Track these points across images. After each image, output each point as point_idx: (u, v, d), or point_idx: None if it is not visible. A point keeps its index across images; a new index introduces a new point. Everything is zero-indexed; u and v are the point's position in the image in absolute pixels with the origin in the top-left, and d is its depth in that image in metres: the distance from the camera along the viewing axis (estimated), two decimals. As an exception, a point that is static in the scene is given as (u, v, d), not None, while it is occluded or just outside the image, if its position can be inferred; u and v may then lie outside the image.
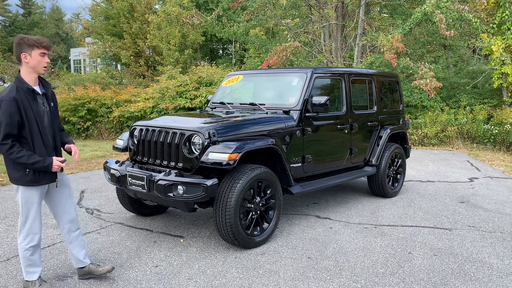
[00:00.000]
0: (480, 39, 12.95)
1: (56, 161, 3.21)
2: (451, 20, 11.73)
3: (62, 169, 3.37)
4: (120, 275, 3.71)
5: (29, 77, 3.20)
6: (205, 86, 13.45)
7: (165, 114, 11.61)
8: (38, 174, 3.20)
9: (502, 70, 12.51)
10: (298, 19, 16.92)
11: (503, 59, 12.40)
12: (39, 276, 3.36)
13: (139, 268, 3.87)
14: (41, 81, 3.34)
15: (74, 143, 3.52)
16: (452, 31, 11.17)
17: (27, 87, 3.15)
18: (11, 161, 3.15)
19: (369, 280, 3.65)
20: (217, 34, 15.20)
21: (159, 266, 3.90)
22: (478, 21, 12.01)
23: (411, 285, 3.56)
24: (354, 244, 4.50)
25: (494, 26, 12.76)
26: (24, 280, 3.35)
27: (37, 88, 3.25)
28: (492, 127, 11.99)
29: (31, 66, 3.17)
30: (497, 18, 12.65)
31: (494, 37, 12.58)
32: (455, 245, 4.47)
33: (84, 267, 3.59)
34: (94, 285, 3.51)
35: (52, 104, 3.34)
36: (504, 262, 4.04)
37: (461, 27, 14.46)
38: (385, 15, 16.59)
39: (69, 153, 3.50)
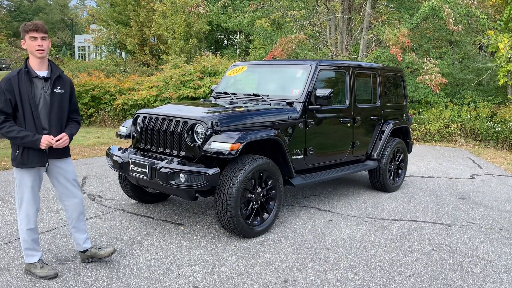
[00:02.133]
0: (487, 35, 12.87)
1: (46, 138, 3.20)
2: (458, 15, 11.65)
3: (66, 154, 3.41)
4: (120, 260, 3.75)
5: (33, 62, 3.25)
6: (209, 76, 13.44)
7: (168, 103, 11.63)
8: (27, 156, 3.22)
9: (508, 68, 12.44)
10: (304, 11, 16.81)
11: (509, 56, 12.32)
12: (40, 259, 3.41)
13: (140, 254, 3.91)
14: (51, 66, 3.35)
15: (70, 135, 3.41)
16: (460, 26, 11.10)
17: (25, 69, 3.21)
18: (9, 140, 3.21)
19: (367, 272, 3.69)
20: (222, 24, 15.14)
21: (159, 253, 3.94)
22: (486, 17, 11.92)
23: (408, 278, 3.59)
24: (353, 236, 4.52)
25: (502, 23, 12.67)
26: (25, 263, 3.40)
27: (40, 72, 3.26)
28: (496, 124, 11.96)
29: (28, 51, 3.23)
30: (504, 15, 12.56)
31: (501, 34, 12.49)
32: (453, 241, 4.49)
33: (85, 251, 3.63)
34: (95, 269, 3.56)
35: (58, 89, 3.32)
36: (502, 258, 4.07)
37: (468, 23, 14.37)
38: (391, 9, 16.48)
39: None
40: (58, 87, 3.34)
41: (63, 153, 3.42)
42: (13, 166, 3.30)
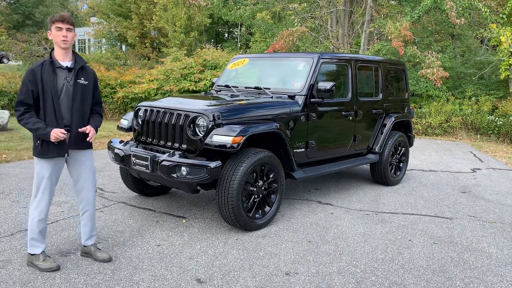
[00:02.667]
0: (489, 29, 12.80)
1: (56, 131, 3.19)
2: (460, 8, 11.58)
3: (88, 146, 3.46)
4: (122, 253, 3.76)
5: (57, 52, 3.31)
6: (210, 69, 13.40)
7: (169, 96, 11.61)
8: (47, 147, 3.26)
9: (510, 62, 12.39)
10: (305, 3, 16.72)
11: (511, 50, 12.26)
12: (43, 251, 3.42)
13: (141, 246, 3.91)
14: (75, 57, 3.38)
15: (95, 128, 3.44)
16: (462, 19, 11.05)
17: (50, 60, 3.26)
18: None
19: (369, 265, 3.69)
20: (223, 17, 15.08)
21: (161, 246, 3.95)
22: (488, 10, 11.86)
23: (410, 271, 3.60)
24: (355, 230, 4.53)
25: (504, 16, 12.59)
26: (28, 254, 3.41)
27: (64, 63, 3.30)
28: (497, 118, 11.94)
29: (54, 41, 3.27)
30: (507, 8, 12.47)
31: (504, 27, 12.42)
32: (455, 234, 4.50)
33: (86, 246, 3.64)
34: (97, 262, 3.56)
35: (81, 80, 3.34)
36: (503, 252, 4.07)
37: (470, 16, 14.28)
38: (393, 2, 16.40)
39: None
40: (82, 78, 3.36)
41: (84, 144, 3.44)
42: (33, 156, 3.35)
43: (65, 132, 3.26)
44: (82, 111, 3.37)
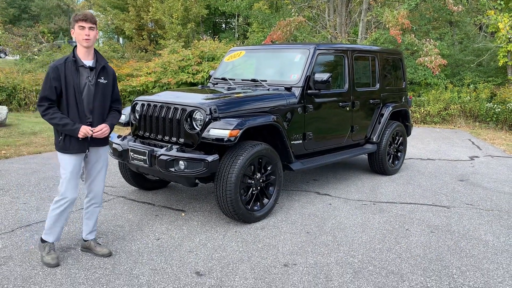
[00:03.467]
0: (487, 15, 12.74)
1: (85, 128, 3.29)
2: (458, -5, 11.53)
3: (105, 143, 3.56)
4: (122, 247, 3.80)
5: (80, 51, 3.36)
6: (208, 61, 13.36)
7: (167, 89, 11.59)
8: (69, 142, 3.34)
9: (508, 48, 12.37)
10: (302, -7, 16.62)
11: (509, 36, 12.23)
12: (52, 243, 3.48)
13: (141, 240, 3.95)
14: (97, 55, 3.43)
15: (111, 125, 3.51)
16: (460, 6, 11.00)
17: (72, 58, 3.31)
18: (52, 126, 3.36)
19: (366, 255, 3.73)
20: (220, 8, 15.02)
21: (160, 239, 3.98)
22: (486, -3, 11.80)
23: (407, 260, 3.63)
24: (353, 220, 4.56)
25: (502, 2, 12.53)
26: (40, 239, 3.51)
27: (86, 62, 3.35)
28: (495, 105, 11.94)
29: (76, 39, 3.32)
30: (505, -6, 12.42)
31: (501, 14, 12.37)
32: (452, 223, 4.53)
33: (86, 241, 3.68)
34: (96, 257, 3.59)
35: (101, 79, 3.40)
36: (500, 239, 4.11)
37: (468, 3, 14.21)
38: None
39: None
40: (102, 77, 3.42)
41: (104, 141, 3.54)
42: (56, 151, 3.43)
43: (92, 129, 3.34)
44: (102, 109, 3.46)
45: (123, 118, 5.00)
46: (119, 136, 4.76)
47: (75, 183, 3.44)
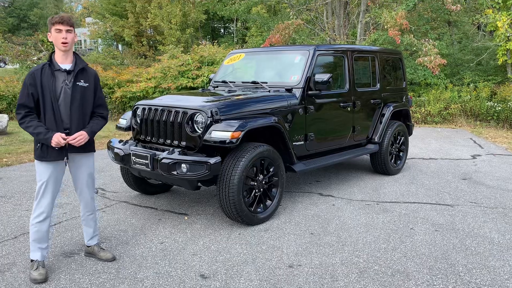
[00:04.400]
0: (485, 14, 12.76)
1: (57, 137, 3.16)
2: (456, -6, 11.55)
3: (89, 149, 3.41)
4: (125, 252, 3.78)
5: (57, 55, 3.27)
6: (207, 65, 13.38)
7: (167, 93, 11.59)
8: (46, 150, 3.23)
9: (507, 47, 12.36)
10: (300, -4, 16.67)
11: (508, 35, 12.23)
12: (37, 260, 3.32)
13: (145, 245, 3.93)
14: (76, 58, 3.34)
15: (90, 133, 3.34)
16: (458, 5, 11.01)
17: (49, 63, 3.23)
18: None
19: (371, 255, 3.71)
20: (218, 12, 15.06)
21: (164, 243, 3.96)
22: (484, -4, 11.82)
23: (412, 259, 3.61)
24: (357, 220, 4.54)
25: (500, 1, 12.55)
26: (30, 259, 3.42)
27: (64, 65, 3.26)
28: (496, 104, 11.93)
29: (54, 43, 3.23)
30: (503, -7, 12.44)
31: (500, 12, 12.38)
32: (456, 221, 4.51)
33: (89, 246, 3.66)
34: (100, 261, 3.58)
35: (81, 82, 3.29)
36: (505, 237, 4.09)
37: (466, 2, 14.24)
38: (388, -9, 16.32)
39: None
40: (82, 80, 3.30)
41: (85, 147, 3.37)
42: (34, 159, 3.34)
43: (66, 138, 3.22)
44: (81, 114, 3.31)
45: (124, 123, 5.00)
46: (120, 141, 4.75)
47: (51, 194, 3.30)
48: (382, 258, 3.65)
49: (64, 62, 3.27)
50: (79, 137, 3.26)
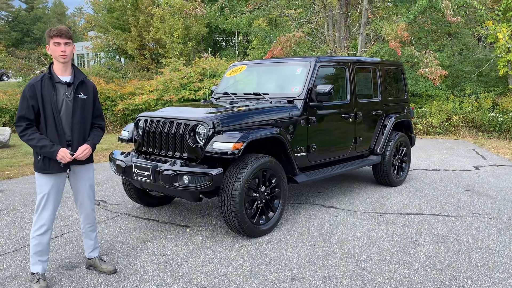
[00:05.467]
0: (486, 26, 12.82)
1: (63, 151, 3.18)
2: (456, 6, 11.62)
3: (89, 160, 3.41)
4: (127, 264, 3.75)
5: (56, 67, 3.27)
6: (209, 77, 13.44)
7: (169, 105, 11.62)
8: (48, 163, 3.22)
9: (508, 58, 12.39)
10: (301, 9, 16.79)
11: (508, 46, 12.27)
12: (38, 273, 3.30)
13: (146, 257, 3.90)
14: (75, 71, 3.35)
15: (92, 146, 3.39)
16: (458, 17, 11.07)
17: (48, 75, 3.23)
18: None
19: (375, 267, 3.67)
20: (220, 26, 15.15)
21: (166, 255, 3.93)
22: (483, 8, 11.89)
23: (416, 271, 3.57)
24: (360, 232, 4.51)
25: (500, 13, 12.62)
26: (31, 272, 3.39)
27: (63, 78, 3.27)
28: (498, 115, 11.92)
29: (52, 56, 3.24)
30: (502, 5, 12.50)
31: (500, 24, 12.44)
32: (460, 232, 4.47)
33: (90, 259, 3.63)
34: (101, 274, 3.55)
35: (81, 94, 3.30)
36: (510, 248, 4.04)
37: (466, 14, 14.32)
38: (388, 3, 16.46)
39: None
40: (81, 93, 3.33)
41: (86, 159, 3.39)
42: (34, 171, 3.31)
43: (72, 154, 3.23)
44: (82, 125, 3.34)
45: (126, 135, 5.00)
46: (122, 153, 4.75)
47: (52, 206, 3.30)
48: (385, 270, 3.61)
49: (64, 74, 3.28)
50: (85, 151, 3.31)
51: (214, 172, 3.96)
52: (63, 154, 3.18)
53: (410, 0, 13.69)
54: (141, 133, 4.75)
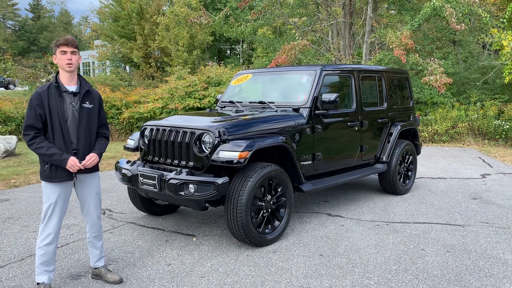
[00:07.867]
0: (490, 34, 12.80)
1: (73, 160, 3.21)
2: (460, 14, 11.62)
3: (94, 169, 3.45)
4: (133, 274, 3.73)
5: (62, 76, 3.30)
6: (214, 86, 13.48)
7: (174, 114, 11.66)
8: (55, 171, 3.24)
9: (513, 65, 12.34)
10: (305, 17, 16.87)
11: (514, 53, 12.22)
12: (44, 282, 3.30)
13: (152, 266, 3.89)
14: (81, 80, 3.38)
15: (99, 154, 3.43)
16: (462, 25, 11.07)
17: (55, 84, 3.25)
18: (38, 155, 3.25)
19: (382, 276, 3.63)
20: (225, 34, 15.23)
21: (171, 265, 3.92)
22: (488, 15, 11.88)
23: (424, 281, 3.53)
24: (366, 241, 4.47)
25: (505, 20, 12.59)
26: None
27: (69, 87, 3.30)
28: (504, 122, 11.86)
29: (58, 65, 3.28)
30: (507, 12, 12.49)
31: (505, 31, 12.42)
32: (468, 242, 4.43)
33: (96, 268, 3.62)
34: (107, 284, 3.54)
35: (86, 104, 3.34)
36: (519, 258, 4.00)
37: (470, 22, 14.32)
38: (393, 11, 16.50)
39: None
40: (87, 102, 3.36)
41: (92, 168, 3.42)
42: (41, 180, 3.33)
43: (80, 162, 3.26)
44: (88, 134, 3.37)
45: (132, 144, 5.01)
46: (128, 162, 4.76)
47: (59, 215, 3.31)
48: (393, 280, 3.58)
49: (70, 84, 3.31)
50: (93, 159, 3.35)
51: (220, 181, 3.96)
52: (72, 163, 3.21)
53: (414, 8, 13.72)
54: (147, 142, 4.75)
